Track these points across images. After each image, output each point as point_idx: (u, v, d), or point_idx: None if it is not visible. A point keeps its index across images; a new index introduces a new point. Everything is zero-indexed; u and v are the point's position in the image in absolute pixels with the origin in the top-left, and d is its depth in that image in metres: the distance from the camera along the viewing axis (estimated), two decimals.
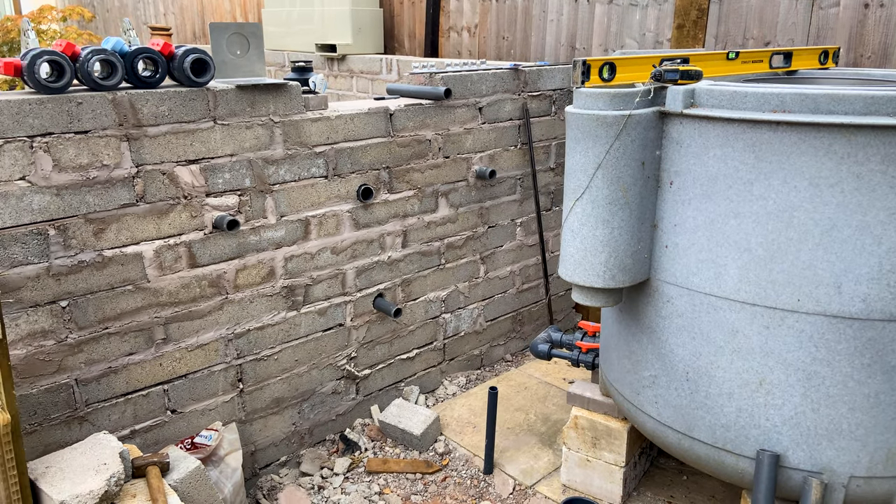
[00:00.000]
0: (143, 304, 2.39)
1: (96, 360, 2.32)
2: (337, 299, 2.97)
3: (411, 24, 5.04)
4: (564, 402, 3.38)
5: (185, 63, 2.28)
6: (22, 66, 2.04)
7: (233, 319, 2.64)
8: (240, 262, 2.61)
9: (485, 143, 3.40)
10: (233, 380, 2.70)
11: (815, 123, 1.64)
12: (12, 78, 2.08)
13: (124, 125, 2.22)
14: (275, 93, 2.56)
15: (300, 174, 2.71)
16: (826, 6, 2.95)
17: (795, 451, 1.89)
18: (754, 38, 3.24)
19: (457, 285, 3.48)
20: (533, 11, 4.18)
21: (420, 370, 3.44)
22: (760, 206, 1.77)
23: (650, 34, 3.64)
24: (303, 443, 3.02)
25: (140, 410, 2.46)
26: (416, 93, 3.11)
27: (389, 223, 3.08)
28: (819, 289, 1.75)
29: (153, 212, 2.35)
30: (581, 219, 1.96)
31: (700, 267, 1.92)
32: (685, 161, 1.89)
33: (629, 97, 1.85)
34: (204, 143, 2.42)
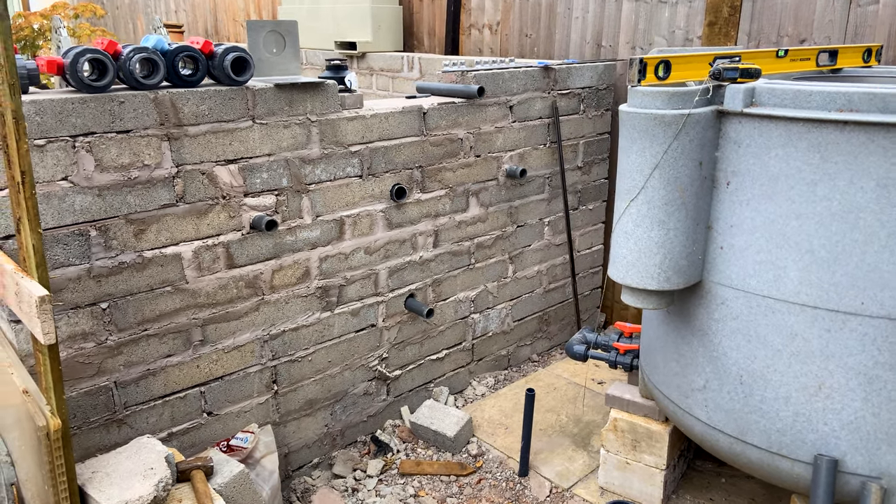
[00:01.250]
0: (182, 305, 2.36)
1: (135, 363, 2.29)
2: (370, 300, 2.94)
3: (431, 22, 5.00)
4: (595, 403, 3.35)
5: (225, 62, 2.25)
6: (64, 64, 2.00)
7: (268, 320, 2.61)
8: (276, 263, 2.58)
9: (515, 141, 3.36)
10: (268, 381, 2.67)
11: (885, 123, 1.61)
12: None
13: (165, 124, 2.19)
14: (312, 92, 2.53)
15: (336, 174, 2.68)
16: (864, 4, 2.91)
17: (854, 455, 1.86)
18: (789, 36, 3.20)
19: (486, 285, 3.45)
20: (557, 9, 4.14)
21: (449, 371, 3.41)
22: (824, 207, 1.73)
23: (680, 31, 3.60)
24: (335, 444, 2.99)
25: (177, 413, 2.43)
26: (449, 91, 3.08)
27: (421, 223, 3.05)
28: (884, 291, 1.71)
29: (192, 212, 2.31)
30: (636, 220, 1.92)
31: (758, 269, 1.88)
32: (744, 161, 1.85)
33: (688, 96, 1.82)
34: (243, 143, 2.38)
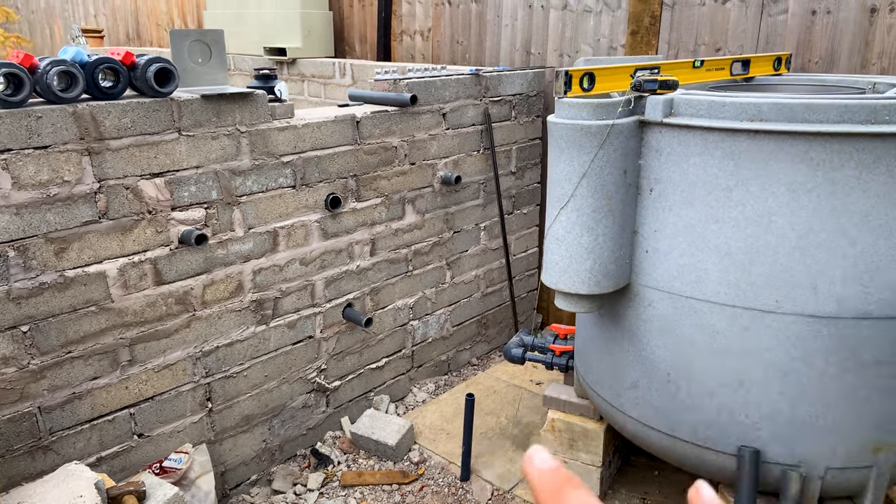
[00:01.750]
0: (108, 325, 2.28)
1: (60, 387, 2.20)
2: (306, 311, 2.91)
3: (362, 28, 4.99)
4: (534, 405, 3.41)
5: (148, 73, 2.19)
6: None
7: (200, 337, 2.55)
8: (207, 278, 2.52)
9: (449, 148, 3.40)
10: (201, 399, 2.61)
11: (792, 132, 1.70)
12: None
13: (86, 139, 2.12)
14: (241, 102, 2.49)
15: (268, 185, 2.64)
16: (775, 13, 3.08)
17: (774, 445, 1.96)
18: (706, 45, 3.35)
19: (424, 292, 3.47)
20: (487, 16, 4.20)
21: (389, 379, 3.41)
22: (740, 211, 1.82)
23: (605, 40, 3.71)
24: (273, 460, 2.95)
25: (106, 436, 2.35)
26: (382, 99, 3.08)
27: (357, 232, 3.04)
28: (796, 290, 1.82)
29: (117, 228, 2.24)
30: (566, 227, 1.98)
31: (681, 271, 1.96)
32: (665, 169, 1.93)
33: (611, 107, 1.88)
34: (168, 156, 2.32)
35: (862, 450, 1.93)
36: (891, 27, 2.77)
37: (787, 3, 3.02)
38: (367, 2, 4.88)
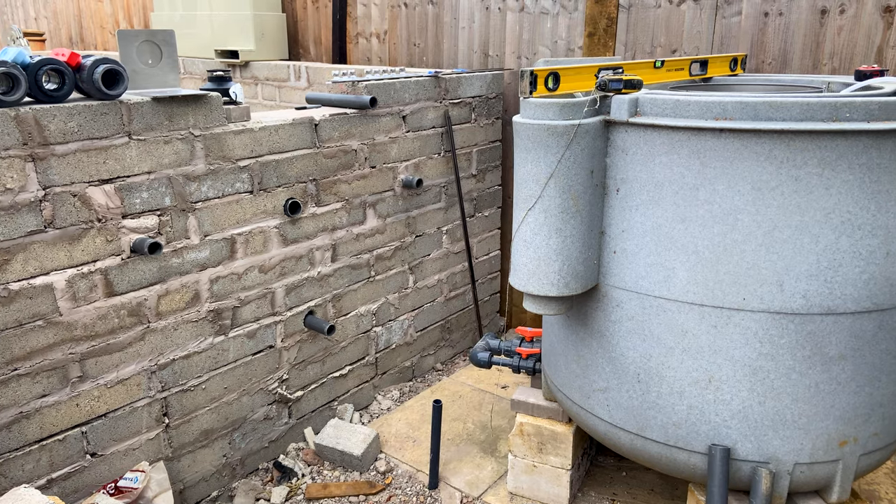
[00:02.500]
0: (56, 339, 2.16)
1: (6, 406, 2.07)
2: (266, 320, 2.82)
3: (317, 30, 4.91)
4: (501, 409, 3.39)
5: (95, 74, 2.09)
6: None
7: (156, 350, 2.45)
8: (162, 288, 2.42)
9: (409, 151, 3.35)
10: (157, 415, 2.50)
11: (756, 130, 1.71)
12: None
13: (29, 144, 2.00)
14: (194, 105, 2.40)
15: (224, 190, 2.55)
16: (728, 15, 3.13)
17: (744, 443, 1.97)
18: (661, 46, 3.38)
19: (387, 297, 3.41)
20: (444, 18, 4.17)
21: (353, 387, 3.34)
22: (706, 210, 1.83)
23: (562, 42, 3.72)
24: (235, 475, 2.85)
25: (56, 457, 2.23)
26: (341, 102, 3.02)
27: (318, 237, 2.97)
28: (763, 287, 1.83)
29: (64, 238, 2.13)
30: (534, 228, 1.95)
31: (649, 271, 1.96)
32: (631, 168, 1.92)
33: (577, 106, 1.87)
34: (118, 161, 2.22)
35: (829, 444, 1.95)
36: (840, 28, 2.84)
37: (740, 4, 3.08)
38: (321, 3, 4.80)
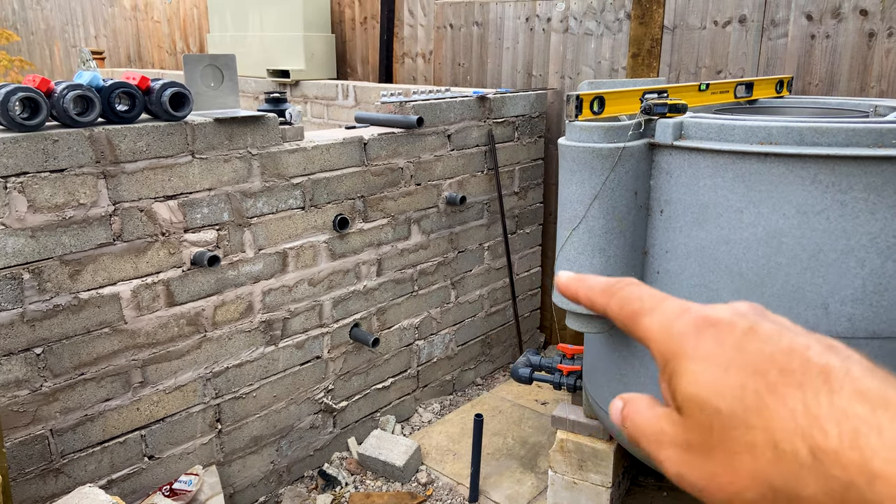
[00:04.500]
0: (120, 346, 2.29)
1: (72, 409, 2.20)
2: (314, 331, 2.92)
3: (364, 50, 5.05)
4: (540, 424, 3.41)
5: (163, 97, 2.22)
6: None
7: (211, 358, 2.56)
8: (218, 299, 2.53)
9: (454, 169, 3.43)
10: (211, 420, 2.61)
11: (801, 155, 1.74)
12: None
13: (101, 162, 2.13)
14: (252, 125, 2.51)
15: (278, 206, 2.66)
16: (774, 37, 3.14)
17: None
18: (706, 67, 3.40)
19: (429, 311, 3.48)
20: (489, 39, 4.26)
21: (395, 399, 3.41)
22: (751, 232, 1.85)
23: (605, 62, 3.77)
24: (281, 481, 2.94)
25: (117, 458, 2.35)
26: (389, 121, 3.12)
27: (364, 252, 3.06)
28: (808, 310, 1.84)
29: (130, 250, 2.26)
30: (578, 248, 2.00)
31: (692, 291, 1.99)
32: (675, 190, 1.96)
33: (622, 130, 1.92)
34: (182, 178, 2.35)
35: None
36: (889, 51, 2.83)
37: (786, 27, 3.09)
38: (369, 25, 4.94)
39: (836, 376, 0.32)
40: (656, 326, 0.39)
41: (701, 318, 0.37)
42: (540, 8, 3.97)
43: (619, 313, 0.42)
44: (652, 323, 0.39)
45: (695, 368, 0.35)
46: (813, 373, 0.32)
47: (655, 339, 0.39)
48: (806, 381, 0.32)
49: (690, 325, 0.37)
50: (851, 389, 0.31)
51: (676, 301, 0.39)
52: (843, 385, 0.31)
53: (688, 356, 0.36)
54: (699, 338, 0.36)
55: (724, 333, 0.36)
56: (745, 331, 0.36)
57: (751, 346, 0.35)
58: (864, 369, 0.32)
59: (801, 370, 0.32)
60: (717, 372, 0.34)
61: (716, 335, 0.36)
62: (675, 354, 0.37)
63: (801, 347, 0.34)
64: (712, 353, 0.35)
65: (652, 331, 0.39)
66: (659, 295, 0.41)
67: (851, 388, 0.31)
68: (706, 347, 0.36)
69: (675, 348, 0.37)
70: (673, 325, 0.38)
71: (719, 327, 0.36)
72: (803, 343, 0.34)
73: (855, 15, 2.89)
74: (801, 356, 0.33)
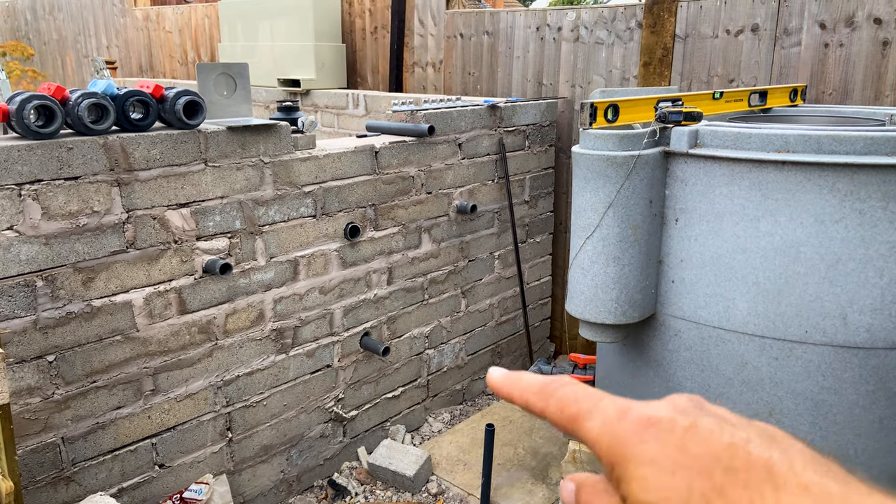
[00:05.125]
0: (132, 354, 2.28)
1: (83, 417, 2.19)
2: (325, 340, 2.91)
3: (374, 60, 5.06)
4: (551, 435, 3.39)
5: (177, 105, 2.22)
6: (9, 111, 1.94)
7: (222, 366, 2.55)
8: (229, 307, 2.53)
9: (464, 178, 3.42)
10: (221, 429, 2.60)
11: (819, 163, 1.72)
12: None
13: (115, 170, 2.14)
14: (265, 133, 2.52)
15: (289, 214, 2.66)
16: (787, 46, 3.12)
17: None
18: (719, 76, 3.39)
19: (440, 320, 3.47)
20: (499, 48, 4.26)
21: (405, 408, 3.39)
22: (767, 241, 1.84)
23: (616, 71, 3.76)
24: (291, 490, 2.92)
25: (128, 467, 2.34)
26: (400, 130, 3.12)
27: (375, 260, 3.06)
28: (826, 320, 1.82)
29: (143, 258, 2.26)
30: (592, 256, 1.99)
31: (708, 301, 1.97)
32: (691, 199, 1.95)
33: (637, 138, 1.91)
34: (195, 186, 2.35)
35: (893, 482, 1.91)
36: None
37: (799, 35, 3.08)
38: (379, 34, 4.96)
39: (779, 471, 0.32)
40: (596, 431, 0.39)
41: (642, 418, 0.37)
42: (550, 17, 3.97)
43: (559, 417, 0.41)
44: (592, 427, 0.39)
45: (641, 473, 0.35)
46: (756, 470, 0.33)
47: (597, 443, 0.39)
48: (751, 479, 0.32)
49: (632, 427, 0.37)
50: (795, 484, 0.31)
51: (613, 400, 0.39)
52: (786, 480, 0.32)
53: (633, 461, 0.36)
54: (642, 441, 0.36)
55: (666, 433, 0.36)
56: (686, 428, 0.36)
57: (693, 446, 0.35)
58: (806, 461, 0.33)
59: (745, 468, 0.33)
60: (663, 476, 0.35)
61: (658, 436, 0.36)
62: (621, 459, 0.37)
63: (742, 442, 0.34)
64: (656, 456, 0.35)
65: (592, 434, 0.39)
66: (595, 394, 0.40)
67: (795, 482, 0.32)
68: (650, 450, 0.36)
69: (620, 452, 0.37)
70: (615, 429, 0.38)
71: (660, 427, 0.36)
72: (743, 437, 0.34)
73: (869, 23, 2.88)
74: (742, 452, 0.34)
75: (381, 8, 4.89)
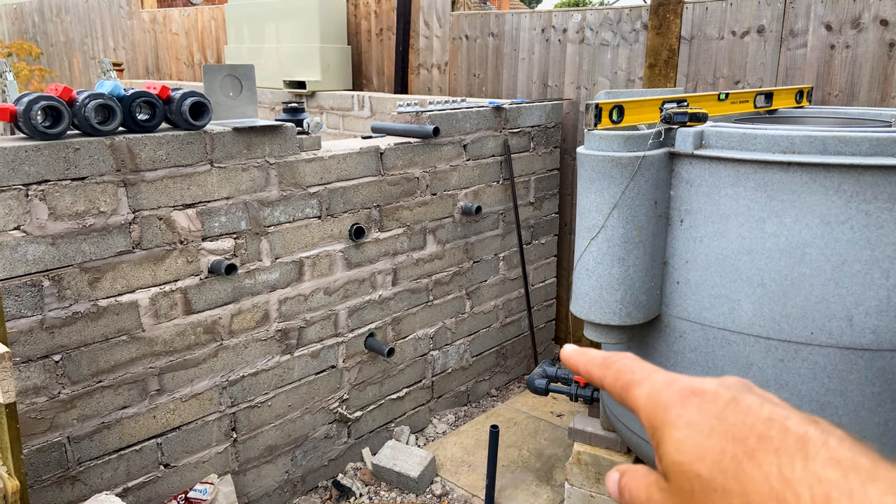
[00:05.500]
0: (138, 354, 2.29)
1: (89, 416, 2.20)
2: (329, 341, 2.91)
3: (380, 62, 5.07)
4: (556, 437, 3.38)
5: (183, 106, 2.23)
6: (17, 111, 1.95)
7: (227, 366, 2.56)
8: (235, 307, 2.54)
9: (469, 179, 3.43)
10: (226, 429, 2.60)
11: (825, 164, 1.72)
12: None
13: (122, 170, 2.15)
14: (270, 134, 2.53)
15: (295, 215, 2.67)
16: (793, 47, 3.12)
17: None
18: (724, 78, 3.39)
19: (444, 321, 3.47)
20: (504, 50, 4.27)
21: (409, 409, 3.39)
22: (773, 242, 1.83)
23: (622, 73, 3.76)
24: (295, 491, 2.92)
25: (133, 466, 2.34)
26: (405, 131, 3.12)
27: (380, 261, 3.06)
28: (831, 322, 1.81)
29: (149, 258, 2.27)
30: (597, 258, 1.99)
31: (713, 302, 1.97)
32: (696, 200, 1.94)
33: (642, 139, 1.91)
34: (201, 187, 2.36)
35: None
36: None
37: (805, 37, 3.07)
38: (384, 36, 4.97)
39: (812, 444, 0.33)
40: (644, 397, 0.41)
41: (687, 388, 0.39)
42: (556, 19, 3.98)
43: (614, 384, 0.44)
44: (641, 394, 0.41)
45: (678, 436, 0.37)
46: (790, 440, 0.34)
47: (643, 408, 0.41)
48: (783, 447, 0.33)
49: (676, 395, 0.39)
50: (826, 457, 0.32)
51: (665, 373, 0.42)
52: (818, 452, 0.33)
53: (672, 424, 0.38)
54: (683, 407, 0.38)
55: (708, 403, 0.38)
56: (728, 401, 0.37)
57: (732, 416, 0.36)
58: (842, 441, 0.34)
59: (779, 437, 0.34)
60: (698, 438, 0.36)
61: (700, 404, 0.38)
62: (662, 423, 0.39)
63: (781, 417, 0.35)
64: (695, 421, 0.37)
65: (640, 401, 0.41)
66: (650, 368, 0.43)
67: (826, 455, 0.33)
68: (689, 416, 0.38)
69: (661, 417, 0.39)
70: (660, 396, 0.40)
71: (704, 397, 0.38)
72: (783, 414, 0.36)
73: (875, 25, 2.87)
74: (780, 425, 0.35)
75: (387, 10, 4.90)
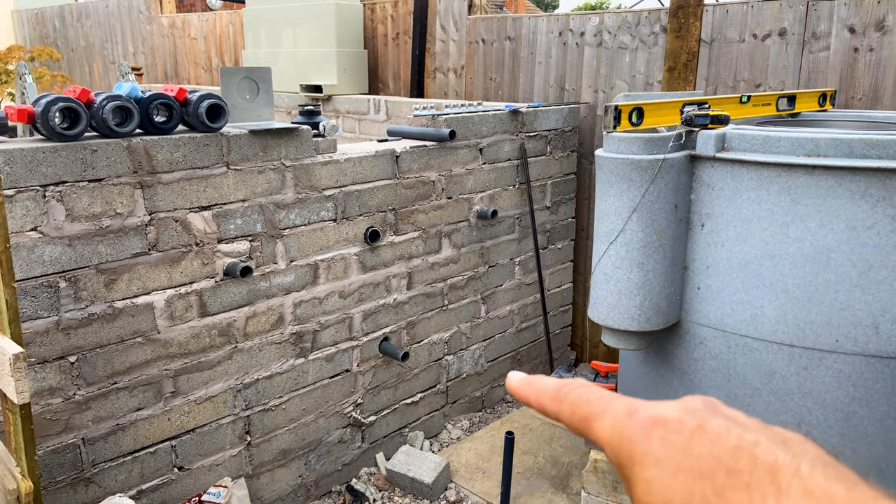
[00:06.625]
0: (153, 356, 2.29)
1: (104, 418, 2.20)
2: (344, 344, 2.90)
3: (396, 65, 5.07)
4: (572, 444, 3.34)
5: (200, 109, 2.23)
6: (35, 112, 1.96)
7: (242, 369, 2.55)
8: (250, 310, 2.53)
9: (485, 183, 3.40)
10: (240, 432, 2.59)
11: (851, 167, 1.68)
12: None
13: (138, 172, 2.15)
14: (286, 137, 2.52)
15: (310, 218, 2.66)
16: (816, 50, 3.07)
17: None
18: (745, 81, 3.34)
19: (459, 326, 3.44)
20: (521, 53, 4.24)
21: (424, 414, 3.37)
22: (797, 248, 1.79)
23: (640, 76, 3.72)
24: (309, 495, 2.91)
25: (147, 469, 2.34)
26: (421, 134, 3.11)
27: (395, 265, 3.04)
28: (857, 329, 1.77)
29: (165, 260, 2.26)
30: (615, 262, 1.95)
31: (735, 308, 1.93)
32: (717, 204, 1.91)
33: (662, 141, 1.87)
34: (217, 189, 2.35)
35: None
36: None
37: (828, 40, 3.02)
38: (401, 40, 4.96)
39: (783, 474, 0.32)
40: (607, 432, 0.38)
41: (649, 418, 0.37)
42: (573, 22, 3.95)
43: (571, 419, 0.41)
44: (603, 427, 0.39)
45: (646, 476, 0.35)
46: (760, 472, 0.32)
47: (607, 444, 0.38)
48: (753, 481, 0.32)
49: (639, 426, 0.37)
50: (799, 489, 0.31)
51: (625, 401, 0.39)
52: (790, 484, 0.31)
53: (639, 463, 0.36)
54: (648, 441, 0.36)
55: (672, 433, 0.36)
56: (694, 430, 0.35)
57: (698, 447, 0.34)
58: (815, 465, 0.32)
59: (749, 470, 0.32)
60: (666, 479, 0.34)
61: (664, 436, 0.36)
62: (628, 460, 0.37)
63: (749, 445, 0.33)
64: (661, 457, 0.35)
65: (603, 435, 0.39)
66: (607, 396, 0.40)
67: (799, 486, 0.31)
68: (655, 451, 0.36)
69: (627, 454, 0.37)
70: (624, 429, 0.38)
71: (668, 426, 0.36)
72: (751, 440, 0.34)
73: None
74: (748, 454, 0.33)
75: (403, 14, 4.90)
